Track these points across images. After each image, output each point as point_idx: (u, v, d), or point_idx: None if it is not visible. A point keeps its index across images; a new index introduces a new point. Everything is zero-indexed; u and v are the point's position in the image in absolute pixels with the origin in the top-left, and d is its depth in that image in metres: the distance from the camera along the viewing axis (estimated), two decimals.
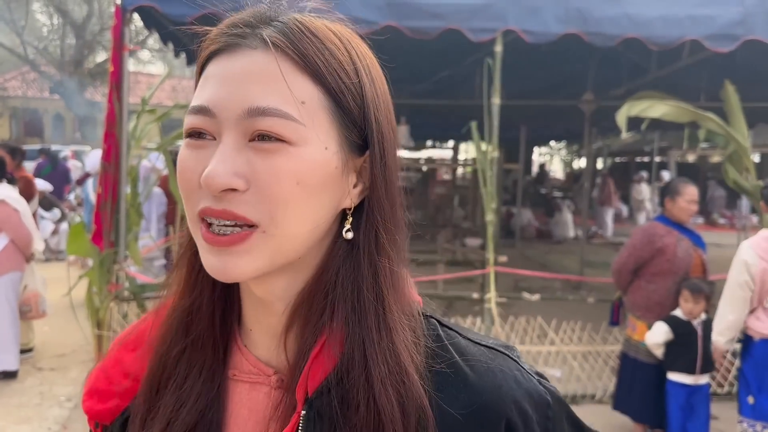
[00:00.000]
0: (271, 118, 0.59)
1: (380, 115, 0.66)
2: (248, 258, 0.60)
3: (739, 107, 5.02)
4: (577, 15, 4.69)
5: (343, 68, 0.63)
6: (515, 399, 0.65)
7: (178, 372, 0.69)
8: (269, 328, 0.68)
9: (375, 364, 0.62)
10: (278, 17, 0.63)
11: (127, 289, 4.98)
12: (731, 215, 16.91)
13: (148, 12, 4.97)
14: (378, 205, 0.65)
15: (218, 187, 0.58)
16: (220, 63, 0.62)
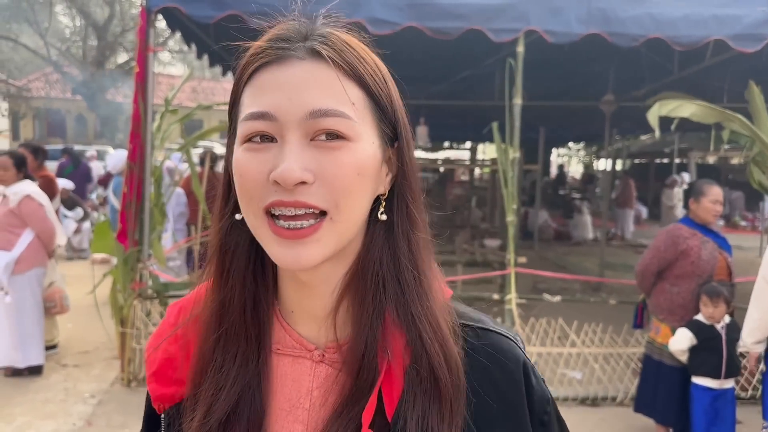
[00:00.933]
0: (332, 118, 0.67)
1: (402, 113, 0.75)
2: (318, 246, 0.68)
3: (765, 108, 4.96)
4: (599, 15, 4.66)
5: (377, 74, 0.73)
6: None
7: (215, 359, 0.75)
8: (312, 309, 0.76)
9: (424, 330, 0.71)
10: (315, 32, 0.72)
11: (151, 288, 5.04)
12: (753, 217, 16.70)
13: (172, 13, 5.02)
14: (408, 187, 0.75)
15: (293, 180, 0.65)
16: (271, 73, 0.69)
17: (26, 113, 24.51)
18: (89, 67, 22.17)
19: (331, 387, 0.74)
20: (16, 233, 5.01)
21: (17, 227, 5.01)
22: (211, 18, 4.76)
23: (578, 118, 12.16)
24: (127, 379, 4.89)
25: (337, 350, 0.74)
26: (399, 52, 6.86)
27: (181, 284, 5.54)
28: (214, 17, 4.74)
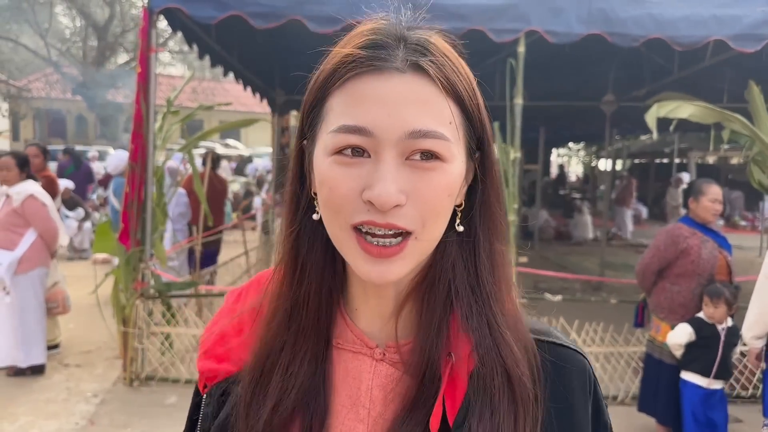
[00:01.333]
0: (432, 140, 0.65)
1: (488, 122, 0.73)
2: (403, 263, 0.68)
3: (764, 108, 4.97)
4: (600, 15, 4.68)
5: (471, 88, 0.71)
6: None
7: (282, 359, 0.75)
8: (376, 308, 0.76)
9: (497, 337, 0.71)
10: (411, 38, 0.68)
11: (153, 287, 5.05)
12: (753, 217, 16.72)
13: (174, 14, 5.04)
14: (494, 197, 0.74)
15: (391, 204, 0.64)
16: (368, 84, 0.66)
17: (26, 114, 24.51)
18: (89, 68, 22.18)
19: (392, 388, 0.74)
20: (19, 233, 5.03)
21: (20, 227, 5.03)
22: (212, 18, 4.78)
23: (578, 118, 12.17)
24: (130, 378, 4.90)
25: (397, 350, 0.75)
26: None
27: (183, 284, 5.55)
28: (215, 18, 4.76)
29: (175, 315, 5.20)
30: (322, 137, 0.69)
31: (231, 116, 26.85)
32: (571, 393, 0.75)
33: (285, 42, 7.32)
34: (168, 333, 5.15)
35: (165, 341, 5.14)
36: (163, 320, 5.15)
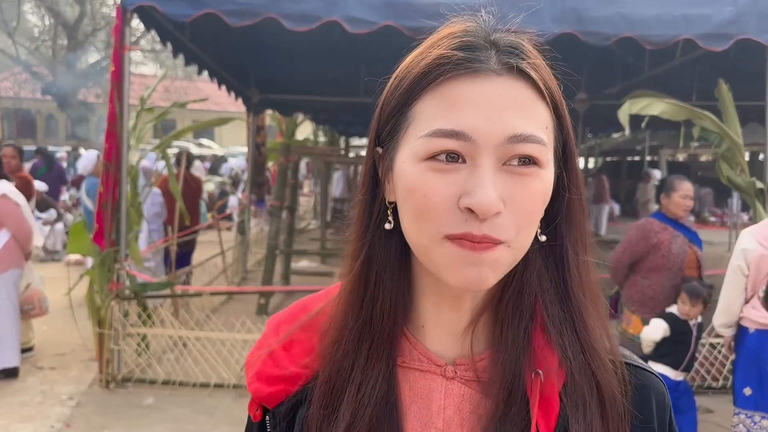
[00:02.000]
0: (531, 144, 0.63)
1: (570, 126, 0.71)
2: (497, 268, 0.65)
3: (733, 106, 5.09)
4: (573, 14, 4.74)
5: (560, 92, 0.69)
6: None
7: (353, 378, 0.71)
8: (448, 323, 0.72)
9: (594, 354, 0.70)
10: (502, 39, 0.67)
11: (128, 288, 5.01)
12: (722, 213, 17.04)
13: (148, 12, 4.99)
14: (579, 207, 0.72)
15: (492, 212, 0.62)
16: (464, 86, 0.64)
17: None
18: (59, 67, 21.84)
19: (470, 407, 0.70)
20: None
21: None
22: (187, 16, 4.75)
23: None
24: (106, 380, 4.86)
25: (471, 366, 0.71)
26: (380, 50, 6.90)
27: (159, 284, 5.52)
28: (190, 16, 4.73)
29: (151, 316, 5.16)
30: (409, 143, 0.66)
31: (204, 115, 26.60)
32: (651, 416, 0.73)
33: (260, 40, 7.29)
34: (144, 334, 5.11)
35: (141, 342, 5.10)
36: (139, 321, 5.11)
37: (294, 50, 7.37)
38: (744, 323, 3.49)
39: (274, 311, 6.86)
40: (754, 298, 3.41)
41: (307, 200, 17.34)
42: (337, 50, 7.00)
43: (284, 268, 8.05)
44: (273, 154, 10.64)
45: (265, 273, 7.38)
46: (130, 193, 5.12)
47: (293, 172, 8.50)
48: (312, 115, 11.65)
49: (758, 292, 3.39)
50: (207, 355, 5.08)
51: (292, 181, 8.37)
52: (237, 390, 4.88)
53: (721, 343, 5.10)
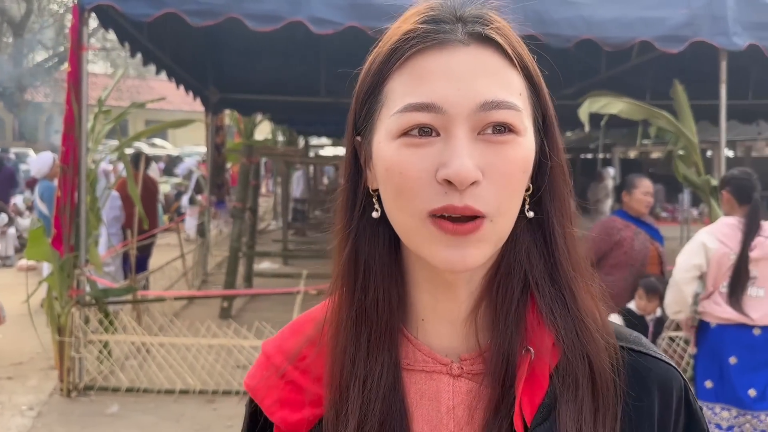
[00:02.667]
0: (504, 111, 0.62)
1: (549, 99, 0.69)
2: (482, 246, 0.63)
3: (688, 105, 5.26)
4: (535, 17, 4.81)
5: (533, 60, 0.68)
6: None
7: (356, 373, 0.69)
8: (448, 313, 0.70)
9: (582, 328, 0.67)
10: (469, 12, 0.65)
11: (89, 294, 4.89)
12: (673, 209, 17.55)
13: (105, 11, 4.88)
14: (561, 178, 0.69)
15: (469, 180, 0.60)
16: (432, 59, 0.63)
17: None
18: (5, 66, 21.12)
19: (476, 403, 0.67)
20: None
21: None
22: (147, 16, 4.66)
23: None
24: (67, 389, 4.73)
25: (477, 359, 0.69)
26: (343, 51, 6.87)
27: (120, 290, 5.40)
28: (150, 15, 4.64)
29: (113, 322, 5.05)
30: (383, 123, 0.65)
31: (157, 115, 26.13)
32: (658, 408, 0.69)
33: (220, 39, 7.21)
34: (106, 341, 4.99)
35: (103, 349, 4.99)
36: (101, 328, 4.99)
37: (254, 50, 7.30)
38: (705, 318, 3.59)
39: (237, 315, 6.81)
40: (716, 294, 3.50)
41: (266, 201, 17.18)
42: (298, 50, 6.97)
43: (247, 270, 7.96)
44: (232, 154, 10.51)
45: (228, 275, 7.29)
46: (89, 197, 4.98)
47: (255, 173, 8.42)
48: (272, 115, 11.55)
49: (719, 288, 3.49)
50: (171, 361, 5.00)
51: (255, 182, 8.29)
52: (203, 396, 4.81)
53: (679, 336, 5.26)
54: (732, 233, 3.46)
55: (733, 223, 3.50)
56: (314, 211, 14.64)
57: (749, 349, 3.44)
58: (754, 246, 3.41)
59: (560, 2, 4.86)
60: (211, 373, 4.95)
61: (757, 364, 3.44)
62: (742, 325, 3.44)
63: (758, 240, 3.42)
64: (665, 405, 0.69)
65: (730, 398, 3.49)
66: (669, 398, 0.70)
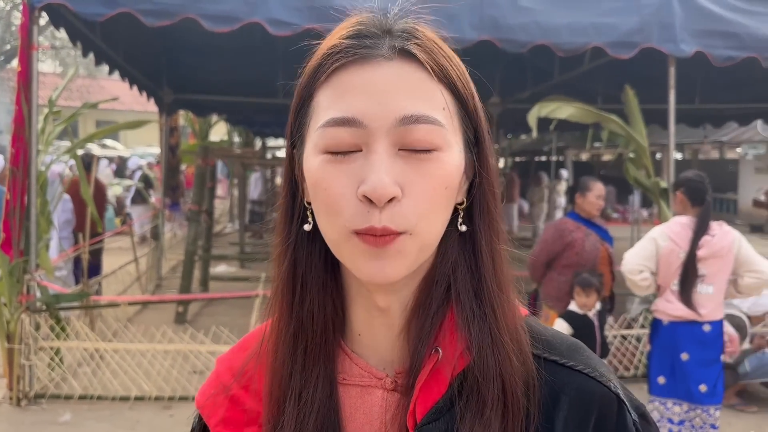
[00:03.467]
0: (423, 125, 0.62)
1: (483, 115, 0.70)
2: (401, 259, 0.63)
3: (639, 110, 5.42)
4: (490, 22, 4.90)
5: (464, 75, 0.67)
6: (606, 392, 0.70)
7: (293, 386, 0.69)
8: (383, 329, 0.70)
9: (501, 347, 0.66)
10: (397, 27, 0.66)
11: (39, 300, 4.75)
12: (623, 210, 18.00)
13: (56, 10, 4.77)
14: (491, 194, 0.69)
15: (387, 196, 0.60)
16: (354, 74, 0.63)
17: None
18: None
19: (403, 415, 0.67)
20: None
21: None
22: (100, 15, 4.57)
23: None
24: (17, 397, 4.59)
25: (409, 374, 0.68)
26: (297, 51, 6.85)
27: (72, 295, 5.27)
28: (103, 15, 4.55)
29: (65, 328, 4.92)
30: (310, 136, 0.66)
31: (109, 115, 25.54)
32: (554, 417, 0.67)
33: (175, 39, 7.10)
34: (57, 347, 4.87)
35: (55, 356, 4.86)
36: (52, 334, 4.86)
37: (210, 50, 7.21)
38: (658, 316, 3.71)
39: (193, 320, 6.72)
40: (667, 292, 3.62)
41: (221, 203, 16.96)
42: (255, 51, 6.92)
43: (203, 273, 7.86)
44: (187, 156, 10.35)
45: (183, 279, 7.18)
46: (39, 200, 4.85)
47: (211, 174, 8.31)
48: (228, 116, 11.43)
49: (670, 286, 3.61)
50: (126, 367, 4.90)
51: (211, 184, 8.19)
52: (159, 402, 4.74)
53: (632, 334, 5.42)
54: (683, 232, 3.59)
55: (684, 222, 3.63)
56: (272, 213, 14.50)
57: (700, 345, 3.57)
58: (701, 245, 3.53)
59: (515, 8, 4.95)
60: (167, 379, 4.87)
61: (708, 359, 3.58)
62: (693, 321, 3.57)
63: (705, 239, 3.54)
64: (580, 420, 0.67)
65: (681, 393, 3.61)
66: (585, 414, 0.67)
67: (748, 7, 5.31)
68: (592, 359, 0.71)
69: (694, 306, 3.53)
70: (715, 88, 8.63)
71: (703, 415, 3.59)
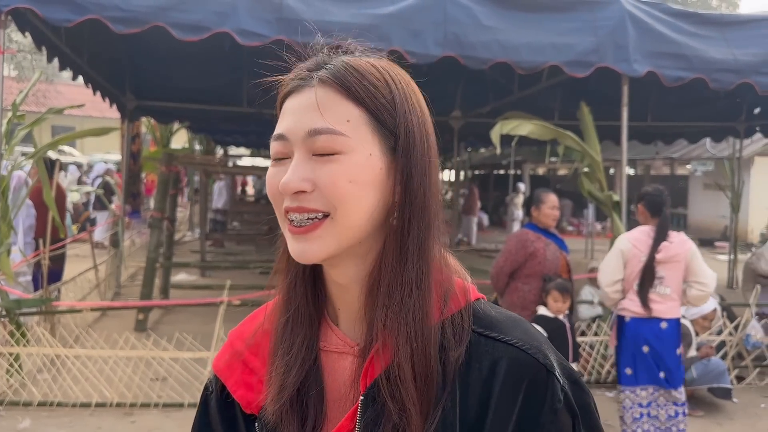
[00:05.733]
0: (325, 135, 0.78)
1: (411, 122, 0.82)
2: (320, 242, 0.79)
3: (593, 126, 5.65)
4: (454, 39, 5.06)
5: (379, 91, 0.80)
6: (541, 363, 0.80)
7: (284, 340, 0.86)
8: (350, 306, 0.85)
9: (404, 335, 0.78)
10: (330, 62, 0.82)
11: (0, 305, 4.70)
12: (578, 223, 18.44)
13: (23, 14, 4.76)
14: (422, 192, 0.81)
15: (291, 189, 0.78)
16: (291, 101, 0.82)
17: None
18: None
19: (359, 378, 0.81)
20: None
21: None
22: (68, 21, 4.58)
23: None
24: None
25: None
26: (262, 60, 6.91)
27: (34, 301, 5.22)
28: (72, 21, 4.57)
29: (26, 334, 4.87)
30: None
31: (66, 120, 25.00)
32: (494, 387, 0.78)
33: (138, 46, 7.09)
34: (17, 353, 4.81)
35: (14, 362, 4.80)
36: (11, 340, 4.80)
37: (175, 57, 7.23)
38: (622, 313, 4.09)
39: (153, 327, 6.67)
40: (631, 292, 4.03)
41: (181, 211, 16.78)
42: (219, 59, 6.96)
43: (163, 281, 7.80)
44: (149, 163, 10.27)
45: (144, 287, 7.13)
46: (1, 205, 4.81)
47: (174, 182, 8.28)
48: (191, 124, 11.38)
49: (633, 287, 4.01)
50: (87, 374, 4.87)
51: (174, 192, 8.16)
52: (121, 408, 4.72)
53: (584, 341, 5.61)
54: (644, 239, 4.03)
55: (645, 230, 4.07)
56: (233, 222, 14.47)
57: (658, 339, 3.99)
58: (660, 249, 3.96)
59: (477, 27, 5.13)
60: (129, 386, 4.86)
61: (665, 352, 4.00)
62: (652, 318, 3.98)
63: (664, 245, 3.97)
64: (512, 387, 0.77)
65: (646, 380, 4.03)
66: (517, 382, 0.77)
67: (697, 31, 5.61)
68: (528, 333, 0.81)
69: (648, 304, 3.95)
70: (667, 107, 9.00)
71: (666, 394, 4.04)
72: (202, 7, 4.76)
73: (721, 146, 15.08)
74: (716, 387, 5.17)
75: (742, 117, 9.47)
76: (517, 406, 0.77)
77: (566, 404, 0.79)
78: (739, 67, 5.52)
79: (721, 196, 11.61)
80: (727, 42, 5.60)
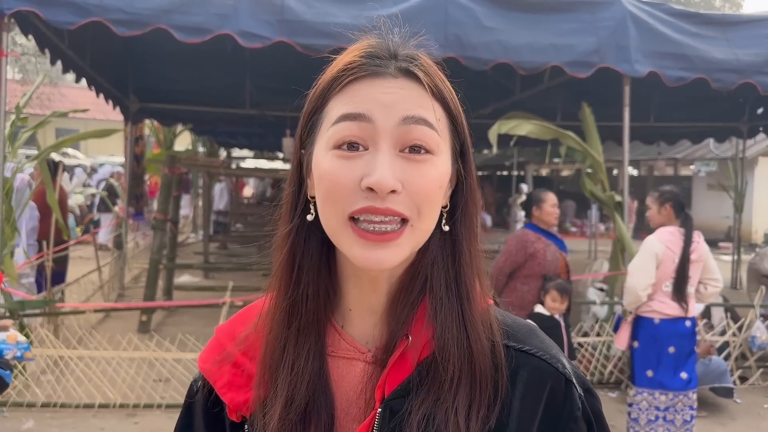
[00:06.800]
0: (423, 127, 0.73)
1: (467, 129, 0.82)
2: (399, 249, 0.74)
3: (595, 126, 5.65)
4: (455, 40, 5.07)
5: (454, 97, 0.80)
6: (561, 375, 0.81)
7: (286, 357, 0.80)
8: (371, 305, 0.81)
9: (473, 334, 0.77)
10: (402, 52, 0.78)
11: (3, 306, 4.72)
12: (581, 224, 18.40)
13: (26, 17, 4.78)
14: (472, 201, 0.81)
15: (388, 188, 0.71)
16: (366, 85, 0.75)
17: None
18: None
19: (375, 387, 0.77)
20: None
21: None
22: (71, 24, 4.60)
23: None
24: None
25: (387, 350, 0.78)
26: (265, 63, 6.93)
27: (37, 302, 5.24)
28: (75, 23, 4.59)
29: (29, 335, 4.88)
30: (322, 135, 0.76)
31: (69, 123, 25.06)
32: (515, 397, 0.77)
33: (141, 48, 7.13)
34: None
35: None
36: None
37: (178, 60, 7.26)
38: (650, 315, 4.10)
39: (156, 329, 6.69)
40: (659, 293, 4.04)
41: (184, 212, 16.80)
42: (224, 61, 6.99)
43: (167, 283, 7.82)
44: (152, 165, 10.30)
45: (147, 288, 7.15)
46: (5, 207, 4.83)
47: (177, 183, 8.30)
48: (194, 126, 11.41)
49: (662, 288, 4.03)
50: (91, 375, 4.89)
51: (177, 193, 8.18)
52: (124, 409, 4.74)
53: (586, 342, 5.61)
54: (675, 240, 4.04)
55: (673, 231, 4.08)
56: (235, 224, 14.48)
57: (683, 338, 4.05)
58: (692, 250, 3.99)
59: (479, 28, 5.14)
60: (132, 387, 4.88)
61: (688, 350, 4.07)
62: (678, 318, 4.03)
63: (694, 245, 4.01)
64: (534, 396, 0.78)
65: (667, 384, 4.05)
66: (538, 390, 0.78)
67: (698, 31, 5.60)
68: (545, 342, 0.83)
69: (686, 305, 3.99)
70: (669, 108, 8.98)
71: (684, 399, 4.07)
72: (204, 9, 4.78)
73: (724, 147, 15.03)
74: (718, 386, 5.17)
75: (745, 117, 9.45)
76: (538, 416, 0.78)
77: (583, 412, 0.81)
78: (741, 67, 5.51)
79: (725, 196, 11.59)
80: (729, 42, 5.59)
